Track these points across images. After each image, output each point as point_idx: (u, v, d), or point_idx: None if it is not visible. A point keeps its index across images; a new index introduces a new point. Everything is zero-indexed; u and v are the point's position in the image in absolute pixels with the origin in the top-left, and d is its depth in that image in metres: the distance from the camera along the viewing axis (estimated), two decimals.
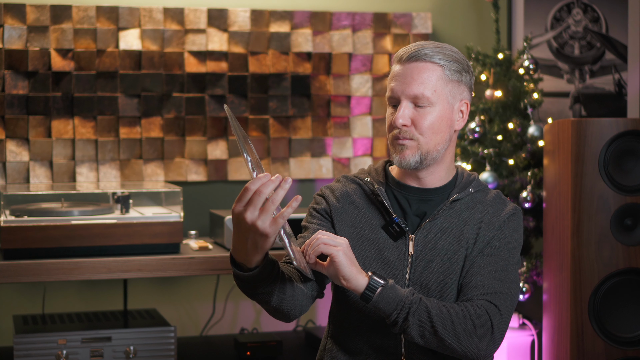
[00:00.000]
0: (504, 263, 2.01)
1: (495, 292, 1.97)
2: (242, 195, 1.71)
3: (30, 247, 2.91)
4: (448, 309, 1.92)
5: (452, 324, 1.91)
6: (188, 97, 3.58)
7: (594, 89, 3.65)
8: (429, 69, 2.00)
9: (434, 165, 2.05)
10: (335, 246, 1.87)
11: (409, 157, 2.01)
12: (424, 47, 2.02)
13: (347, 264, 1.87)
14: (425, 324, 1.90)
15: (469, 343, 1.92)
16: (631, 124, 2.90)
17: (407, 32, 3.77)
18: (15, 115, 3.43)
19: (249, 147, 1.78)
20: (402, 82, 2.01)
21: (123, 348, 3.00)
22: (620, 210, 2.89)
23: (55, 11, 3.44)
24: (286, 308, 1.93)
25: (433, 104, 2.00)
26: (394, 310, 1.89)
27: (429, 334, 1.91)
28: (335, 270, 1.88)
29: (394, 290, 1.89)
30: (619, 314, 2.90)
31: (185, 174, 3.59)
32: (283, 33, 3.65)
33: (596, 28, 3.64)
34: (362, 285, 1.88)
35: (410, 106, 2.01)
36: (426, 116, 2.00)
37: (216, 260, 3.03)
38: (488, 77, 3.54)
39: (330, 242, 1.87)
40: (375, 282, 1.88)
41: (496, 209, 2.07)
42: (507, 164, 3.44)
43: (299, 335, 3.57)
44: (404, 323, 1.90)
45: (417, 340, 1.92)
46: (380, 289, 1.88)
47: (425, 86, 1.99)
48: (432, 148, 2.02)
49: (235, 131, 1.73)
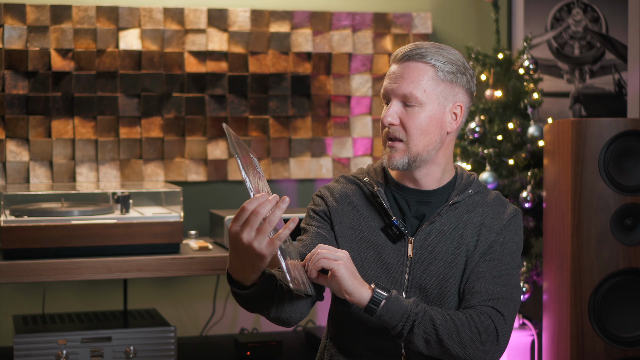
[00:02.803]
0: (506, 267, 2.01)
1: (499, 298, 1.96)
2: (239, 215, 1.69)
3: (30, 247, 2.91)
4: (452, 318, 1.91)
5: (457, 333, 1.90)
6: (188, 97, 3.58)
7: (594, 89, 3.65)
8: (420, 69, 2.00)
9: (427, 166, 2.03)
10: (335, 260, 1.86)
11: (397, 159, 2.01)
12: (420, 47, 2.01)
13: (349, 278, 1.86)
14: (431, 334, 1.89)
15: (474, 351, 1.91)
16: (631, 124, 2.90)
17: (407, 32, 3.77)
18: (15, 115, 3.43)
19: (250, 162, 1.76)
20: (394, 81, 2.01)
21: (123, 348, 3.00)
22: (620, 210, 2.89)
23: (55, 11, 3.44)
24: (286, 317, 1.94)
25: (422, 104, 1.99)
26: (398, 322, 1.88)
27: (435, 344, 1.90)
28: (337, 284, 1.87)
29: (398, 302, 1.88)
30: (619, 314, 2.90)
31: (185, 174, 3.59)
32: (283, 33, 3.65)
33: (596, 28, 3.64)
34: (365, 299, 1.88)
35: (399, 105, 2.00)
36: (414, 116, 1.99)
37: (216, 260, 3.03)
38: (488, 77, 3.54)
39: (331, 257, 1.86)
40: (379, 295, 1.87)
41: (496, 212, 2.06)
42: (507, 164, 3.44)
43: (299, 335, 3.57)
44: (410, 334, 1.89)
45: (422, 351, 1.92)
46: (384, 301, 1.87)
47: (414, 86, 1.98)
48: (422, 150, 2.00)
49: (234, 149, 1.70)
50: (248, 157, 1.76)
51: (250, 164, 1.75)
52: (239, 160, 1.68)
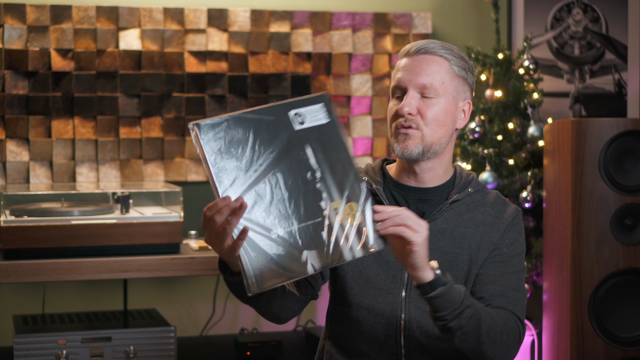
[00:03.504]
0: (516, 270, 2.02)
1: (516, 304, 1.98)
2: (203, 219, 1.67)
3: (30, 247, 2.91)
4: (494, 319, 1.89)
5: (494, 333, 1.88)
6: (188, 97, 3.58)
7: (594, 89, 3.65)
8: (437, 61, 2.00)
9: (434, 160, 2.03)
10: (418, 232, 1.76)
11: (412, 147, 1.99)
12: (432, 42, 2.03)
13: (423, 255, 1.78)
14: (471, 332, 1.86)
15: (500, 353, 1.92)
16: (631, 124, 2.90)
17: (407, 32, 3.77)
18: (15, 115, 3.43)
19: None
20: (411, 72, 2.00)
21: (123, 348, 3.00)
22: (620, 210, 2.89)
23: (55, 11, 3.44)
24: (276, 312, 1.92)
25: (439, 96, 1.99)
26: (446, 310, 1.82)
27: (472, 338, 1.87)
28: (407, 256, 1.77)
29: (453, 291, 1.82)
30: (619, 314, 2.90)
31: (185, 174, 3.59)
32: (283, 33, 3.65)
33: (596, 28, 3.64)
34: (426, 279, 1.80)
35: (417, 96, 2.00)
36: (432, 107, 1.99)
37: (216, 260, 3.01)
38: (488, 77, 3.54)
39: (416, 228, 1.76)
40: (439, 281, 1.81)
41: (498, 211, 2.06)
42: (507, 164, 3.44)
43: (299, 335, 3.57)
44: (451, 323, 1.84)
45: (454, 341, 1.88)
46: (442, 287, 1.81)
47: (433, 77, 1.99)
48: (436, 141, 2.00)
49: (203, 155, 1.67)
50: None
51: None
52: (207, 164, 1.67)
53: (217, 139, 1.69)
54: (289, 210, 1.71)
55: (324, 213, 1.73)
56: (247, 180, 1.69)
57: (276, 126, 1.73)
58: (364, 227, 1.75)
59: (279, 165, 1.71)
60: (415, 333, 2.00)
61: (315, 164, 1.74)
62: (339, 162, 1.76)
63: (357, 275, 2.03)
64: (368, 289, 2.02)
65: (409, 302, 2.00)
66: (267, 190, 1.70)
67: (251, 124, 1.71)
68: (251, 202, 1.68)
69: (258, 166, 1.71)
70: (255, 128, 1.71)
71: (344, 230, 1.74)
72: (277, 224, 1.70)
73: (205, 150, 1.68)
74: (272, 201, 1.70)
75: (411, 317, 2.00)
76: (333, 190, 1.74)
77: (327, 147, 1.75)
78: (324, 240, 1.72)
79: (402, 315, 2.00)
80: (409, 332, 2.00)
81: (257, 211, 1.69)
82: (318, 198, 1.73)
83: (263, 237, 1.69)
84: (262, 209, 1.69)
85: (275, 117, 1.73)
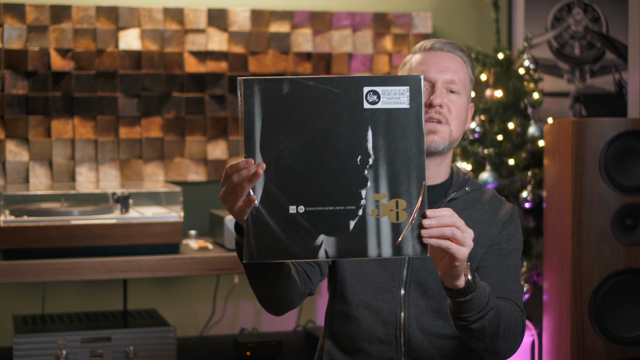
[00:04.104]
0: (514, 264, 2.03)
1: (516, 294, 1.99)
2: (224, 174, 1.63)
3: (30, 247, 2.91)
4: (508, 315, 1.88)
5: (507, 329, 1.88)
6: (188, 97, 3.58)
7: (594, 89, 3.65)
8: (459, 60, 2.06)
9: (443, 155, 2.06)
10: (463, 247, 1.66)
11: (439, 142, 2.01)
12: (450, 41, 2.08)
13: (463, 267, 1.70)
14: (490, 332, 1.84)
15: (510, 347, 1.92)
16: (631, 124, 2.90)
17: (407, 32, 3.77)
18: (15, 115, 3.43)
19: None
20: (438, 66, 2.03)
21: (123, 348, 3.00)
22: (621, 210, 2.89)
23: (55, 11, 3.44)
24: (277, 296, 1.87)
25: (461, 93, 2.04)
26: (470, 312, 1.79)
27: (489, 338, 1.85)
28: (447, 267, 1.70)
29: (480, 294, 1.78)
30: (619, 314, 2.90)
31: (185, 174, 3.59)
32: (283, 33, 3.65)
33: (596, 28, 3.64)
34: (459, 286, 1.75)
35: (444, 91, 2.03)
36: (457, 102, 2.04)
37: (216, 260, 3.03)
38: (488, 77, 3.54)
39: (463, 241, 1.65)
40: (470, 287, 1.75)
41: (495, 208, 2.08)
42: (507, 164, 3.44)
43: (299, 335, 3.57)
44: (473, 325, 1.81)
45: (471, 341, 1.86)
46: (471, 294, 1.76)
47: (458, 74, 2.04)
48: (458, 136, 2.05)
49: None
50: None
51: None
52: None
53: (265, 97, 1.60)
54: (320, 190, 1.61)
55: (360, 202, 1.62)
56: (283, 148, 1.60)
57: (341, 100, 1.62)
58: (405, 228, 1.63)
59: (328, 142, 1.61)
60: (414, 331, 2.00)
61: (371, 149, 1.62)
62: (403, 154, 1.63)
63: (356, 273, 2.04)
64: (367, 287, 2.02)
65: (408, 300, 2.01)
66: (302, 164, 1.61)
67: (312, 92, 1.61)
68: (280, 171, 1.60)
69: (301, 137, 1.61)
70: (316, 97, 1.61)
71: (378, 225, 1.62)
72: (299, 200, 1.60)
73: (245, 105, 1.59)
74: (304, 176, 1.61)
75: (410, 315, 2.00)
76: (382, 181, 1.62)
77: (395, 134, 1.62)
78: (349, 229, 1.61)
79: (402, 313, 2.00)
80: (408, 330, 2.00)
81: (283, 182, 1.60)
82: (360, 185, 1.62)
83: (278, 209, 1.60)
84: (289, 181, 1.60)
85: (342, 91, 1.62)
